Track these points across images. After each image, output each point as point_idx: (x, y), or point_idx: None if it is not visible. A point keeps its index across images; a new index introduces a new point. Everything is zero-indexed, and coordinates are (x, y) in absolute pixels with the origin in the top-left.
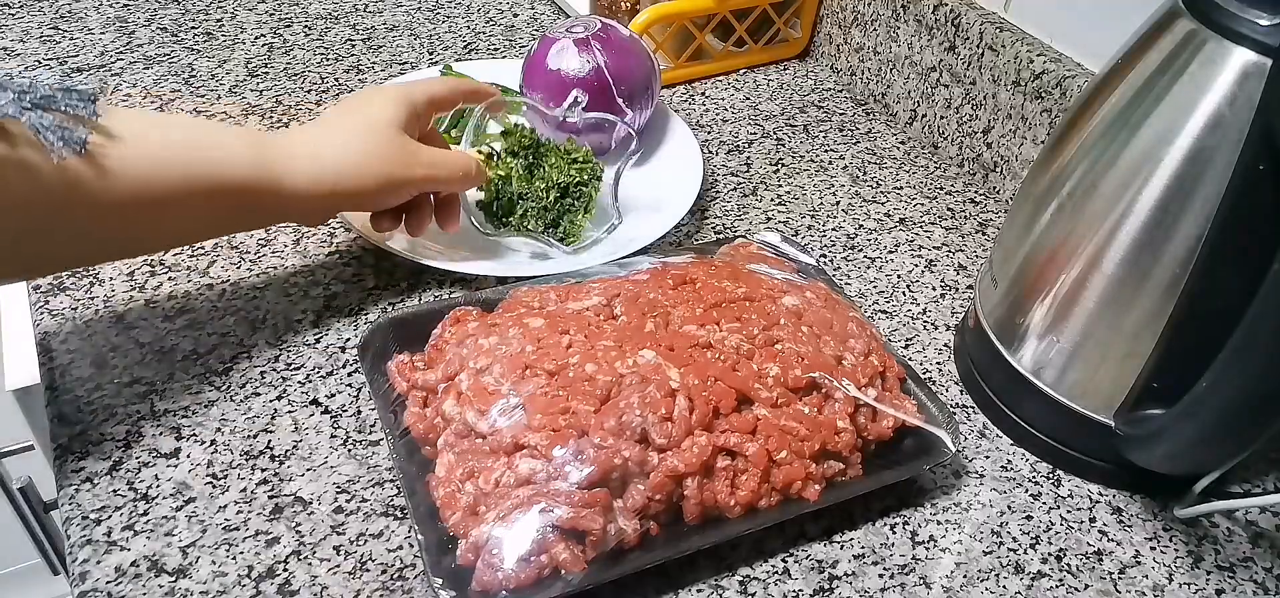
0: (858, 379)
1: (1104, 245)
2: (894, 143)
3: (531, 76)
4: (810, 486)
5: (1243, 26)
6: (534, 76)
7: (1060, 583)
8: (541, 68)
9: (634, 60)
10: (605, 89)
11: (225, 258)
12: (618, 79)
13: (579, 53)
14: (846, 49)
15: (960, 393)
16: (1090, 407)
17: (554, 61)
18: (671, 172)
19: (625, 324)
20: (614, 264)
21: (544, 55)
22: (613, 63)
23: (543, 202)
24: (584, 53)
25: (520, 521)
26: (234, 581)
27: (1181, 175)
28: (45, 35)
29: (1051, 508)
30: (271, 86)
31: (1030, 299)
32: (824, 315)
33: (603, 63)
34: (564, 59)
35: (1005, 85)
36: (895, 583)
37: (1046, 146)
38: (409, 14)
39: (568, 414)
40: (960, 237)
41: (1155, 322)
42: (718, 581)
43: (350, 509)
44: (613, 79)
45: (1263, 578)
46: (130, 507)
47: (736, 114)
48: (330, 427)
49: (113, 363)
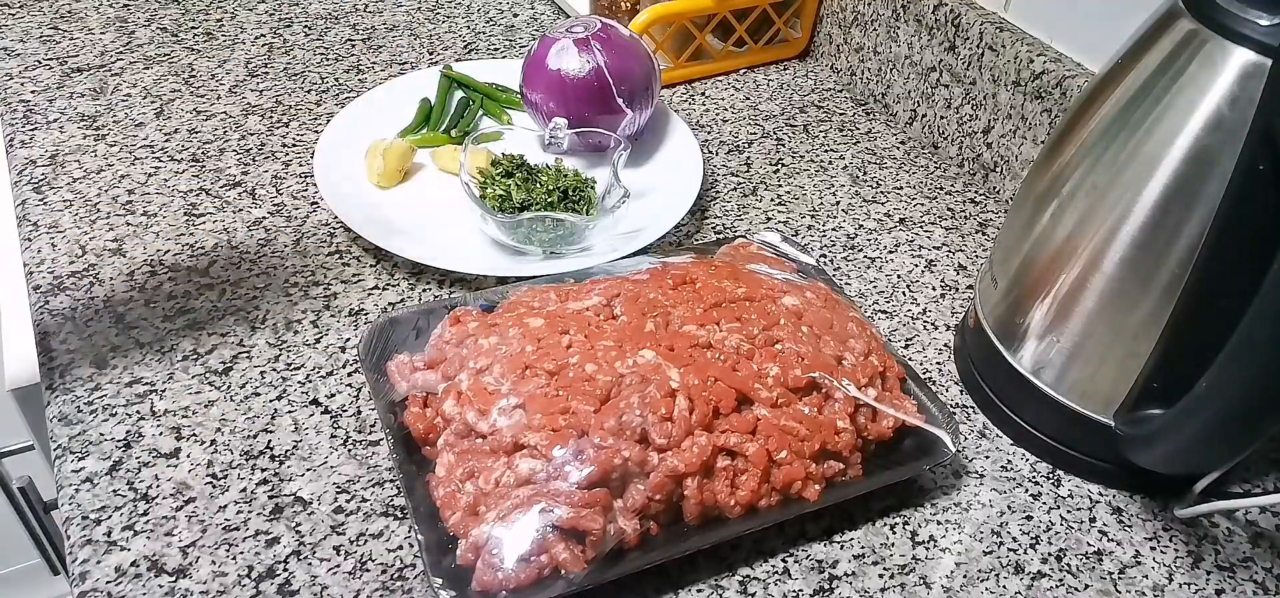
0: (858, 379)
1: (1104, 245)
2: (894, 143)
3: (532, 77)
4: (810, 486)
5: (1243, 26)
6: (535, 77)
7: (1060, 583)
8: (542, 68)
9: (634, 60)
10: (606, 89)
11: (225, 258)
12: (618, 79)
13: (579, 53)
14: (846, 49)
15: (960, 393)
16: (1090, 407)
17: (554, 62)
18: (671, 171)
19: (625, 324)
20: (614, 264)
21: (544, 55)
22: (613, 63)
23: (549, 201)
24: (584, 53)
25: (520, 521)
26: (234, 581)
27: (1181, 175)
28: (45, 35)
29: (1051, 508)
30: (271, 86)
31: (1030, 299)
32: (824, 315)
33: (603, 63)
34: (564, 59)
35: (1005, 85)
36: (895, 583)
37: (1046, 147)
38: (409, 14)
39: (568, 414)
40: (960, 237)
41: (1155, 322)
42: (718, 581)
43: (350, 509)
44: (613, 79)
45: (1263, 578)
46: (130, 507)
47: (736, 114)
48: (330, 427)
49: (113, 363)
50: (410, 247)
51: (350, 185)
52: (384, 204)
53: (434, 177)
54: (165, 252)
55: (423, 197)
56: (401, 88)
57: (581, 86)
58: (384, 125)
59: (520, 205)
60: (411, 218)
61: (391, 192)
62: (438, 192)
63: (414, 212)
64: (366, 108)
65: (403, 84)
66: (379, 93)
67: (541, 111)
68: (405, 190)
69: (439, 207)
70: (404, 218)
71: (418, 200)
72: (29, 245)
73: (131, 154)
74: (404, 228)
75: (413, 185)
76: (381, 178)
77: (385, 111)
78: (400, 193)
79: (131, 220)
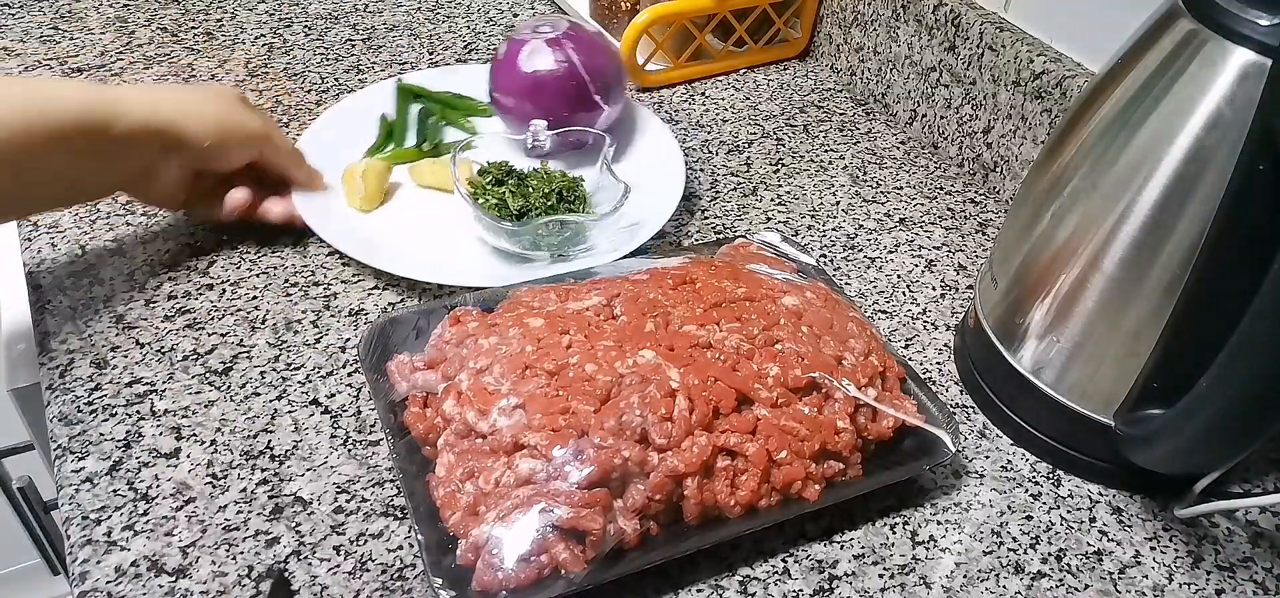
0: (858, 379)
1: (1104, 245)
2: (894, 143)
3: (504, 81)
4: (810, 486)
5: (1243, 26)
6: (507, 81)
7: (1060, 583)
8: (515, 71)
9: (604, 55)
10: (581, 85)
11: (225, 258)
12: (592, 75)
13: (552, 51)
14: (846, 49)
15: (960, 393)
16: (1090, 407)
17: (528, 63)
18: (652, 162)
19: (625, 324)
20: (614, 264)
21: (515, 58)
22: (585, 59)
23: (547, 203)
24: (557, 51)
25: (520, 521)
26: (234, 581)
27: (1181, 175)
28: (45, 35)
29: (1051, 508)
30: (271, 87)
31: (1030, 299)
32: (824, 315)
33: (577, 60)
34: (538, 60)
35: (1005, 85)
36: (895, 583)
37: (1046, 147)
38: (409, 14)
39: (568, 414)
40: (960, 237)
41: (1155, 322)
42: (718, 581)
43: (350, 509)
44: (588, 75)
45: (1263, 578)
46: (130, 507)
47: (736, 114)
48: (330, 427)
49: (113, 363)
50: (420, 268)
51: (337, 210)
52: (372, 226)
53: (414, 193)
54: (165, 252)
55: (413, 214)
56: (355, 107)
57: (557, 85)
58: (347, 147)
59: (519, 212)
60: (407, 236)
61: (376, 212)
62: (426, 207)
63: (408, 230)
64: (327, 130)
65: (356, 103)
66: (335, 115)
67: (516, 115)
68: (389, 210)
69: (432, 222)
70: (399, 238)
71: (408, 218)
72: (29, 245)
73: None
74: (402, 248)
75: (396, 204)
76: (364, 202)
77: (346, 132)
78: (385, 213)
79: (131, 220)
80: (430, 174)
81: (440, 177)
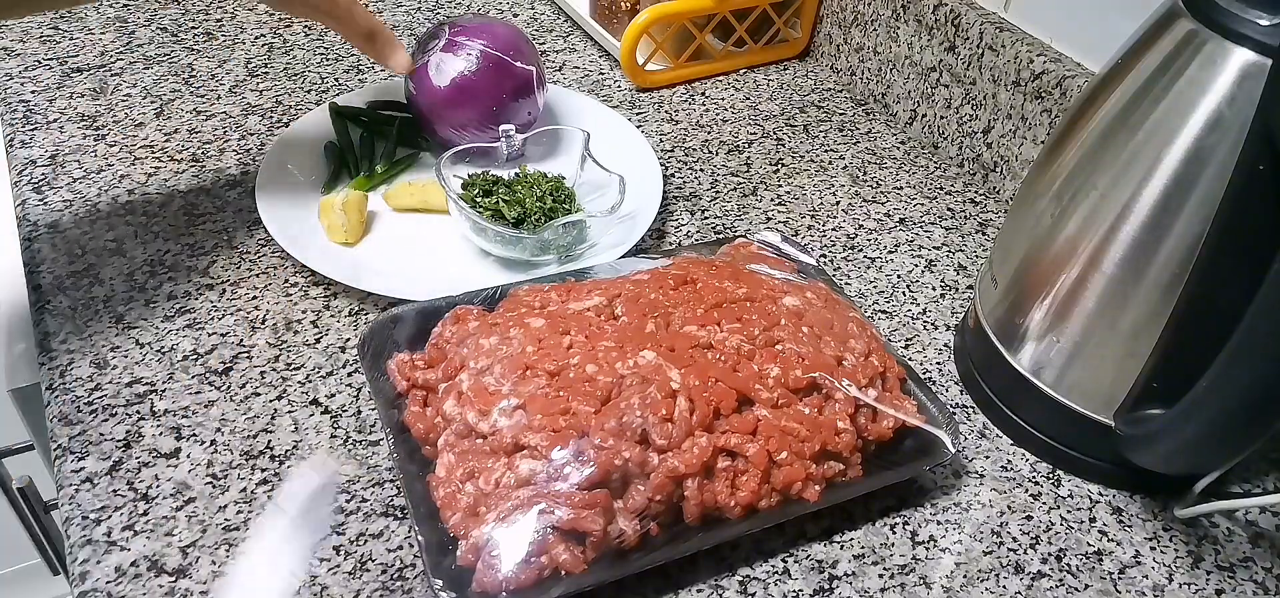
0: (858, 380)
1: (1104, 245)
2: (894, 143)
3: (433, 107)
4: (810, 486)
5: (1243, 26)
6: (435, 104)
7: (1060, 583)
8: (436, 92)
9: (500, 29)
10: (504, 66)
11: (225, 258)
12: (503, 50)
13: (457, 53)
14: (846, 49)
15: (960, 393)
16: (1090, 407)
17: (440, 76)
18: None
19: (626, 325)
20: (614, 264)
21: (428, 82)
22: (490, 41)
23: (543, 206)
24: (461, 51)
25: (520, 521)
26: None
27: (1181, 176)
28: (45, 35)
29: (1051, 508)
30: (271, 86)
31: (1030, 299)
32: (824, 316)
33: (483, 46)
34: (447, 67)
35: (1005, 85)
36: (895, 583)
37: (1046, 147)
38: (409, 14)
39: (568, 415)
40: (960, 237)
41: (1155, 322)
42: (718, 581)
43: (350, 509)
44: (502, 52)
45: (1263, 578)
46: (130, 507)
47: (736, 114)
48: (330, 427)
49: (113, 363)
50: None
51: (321, 244)
52: (362, 255)
53: (392, 216)
54: (165, 252)
55: (400, 234)
56: (292, 140)
57: (483, 78)
58: (303, 182)
59: (516, 219)
60: (404, 260)
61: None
62: (411, 229)
63: (402, 253)
64: (278, 168)
65: (291, 136)
66: (280, 150)
67: (462, 129)
68: (375, 238)
69: (422, 241)
70: (395, 262)
71: (398, 241)
72: (29, 245)
73: (131, 154)
74: (403, 271)
75: (381, 229)
76: (349, 235)
77: (292, 166)
78: (371, 241)
79: (131, 220)
80: (407, 196)
81: (419, 196)
